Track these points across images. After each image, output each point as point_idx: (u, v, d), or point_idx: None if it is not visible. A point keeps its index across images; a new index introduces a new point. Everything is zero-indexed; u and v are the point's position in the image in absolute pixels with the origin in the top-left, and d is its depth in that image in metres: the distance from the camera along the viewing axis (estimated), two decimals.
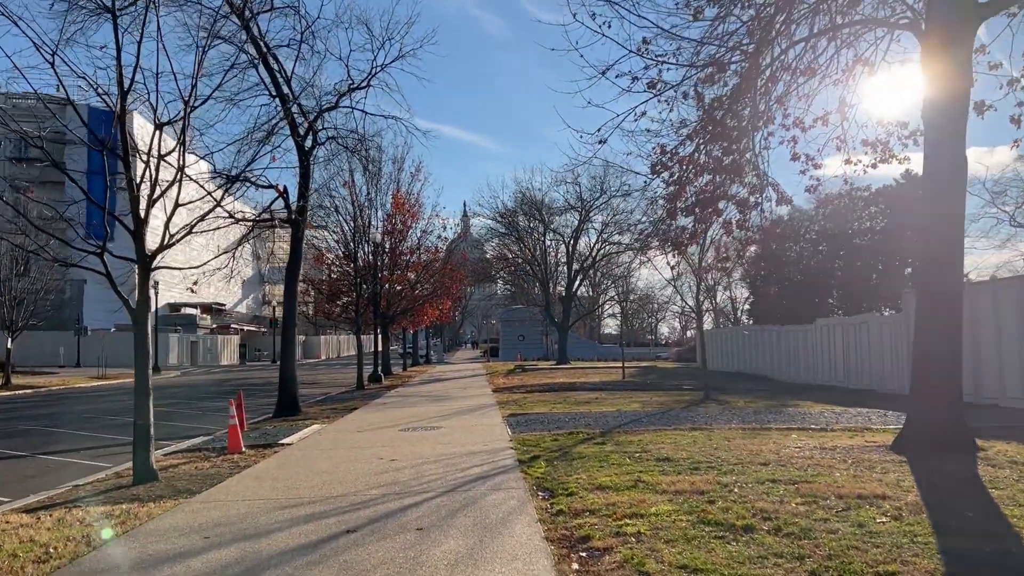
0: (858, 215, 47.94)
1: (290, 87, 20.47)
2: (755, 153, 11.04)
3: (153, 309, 47.85)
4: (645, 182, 12.06)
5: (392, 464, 10.85)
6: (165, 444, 15.42)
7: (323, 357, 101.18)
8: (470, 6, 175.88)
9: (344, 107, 22.72)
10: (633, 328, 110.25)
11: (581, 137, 11.31)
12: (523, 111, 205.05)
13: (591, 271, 64.32)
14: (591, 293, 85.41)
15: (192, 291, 12.90)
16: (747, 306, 67.62)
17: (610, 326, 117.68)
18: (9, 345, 37.16)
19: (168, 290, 76.67)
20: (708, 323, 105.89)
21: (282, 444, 13.64)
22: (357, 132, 22.45)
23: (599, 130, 11.20)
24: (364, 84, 23.17)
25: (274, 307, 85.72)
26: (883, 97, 15.02)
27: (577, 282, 60.56)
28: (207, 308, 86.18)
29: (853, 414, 15.93)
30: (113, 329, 68.81)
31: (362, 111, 22.83)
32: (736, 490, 8.01)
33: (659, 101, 11.23)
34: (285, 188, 20.91)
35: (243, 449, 13.11)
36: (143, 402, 10.34)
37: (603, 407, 18.65)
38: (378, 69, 23.30)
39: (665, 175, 11.99)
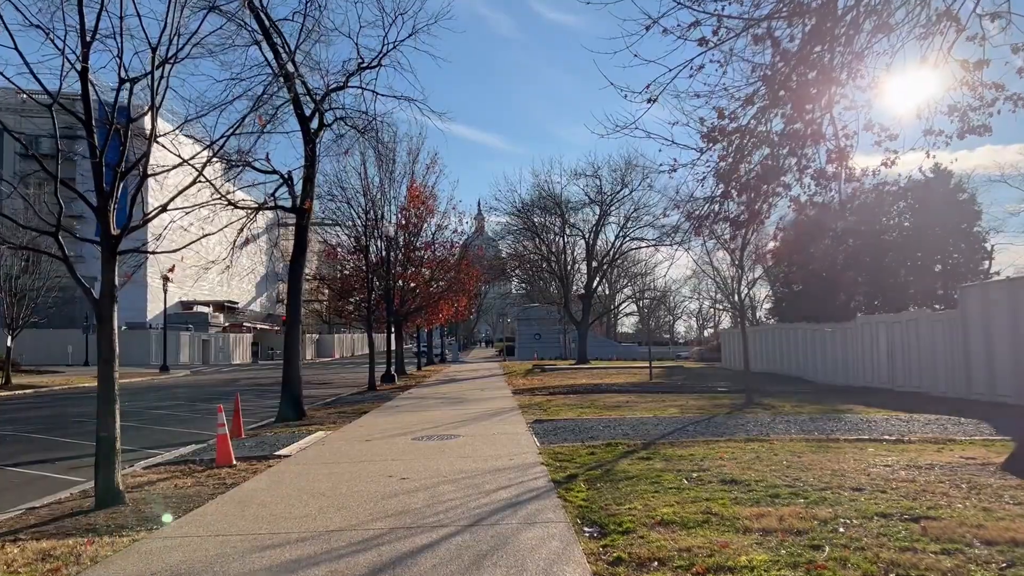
0: (886, 211, 45.86)
1: (294, 63, 18.83)
2: (832, 115, 9.27)
3: (164, 307, 46.55)
4: (700, 151, 10.19)
5: (403, 484, 9.14)
6: (153, 453, 13.87)
7: (337, 356, 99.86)
8: (479, 5, 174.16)
9: (353, 87, 21.09)
10: (650, 327, 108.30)
11: (626, 97, 9.58)
12: (535, 110, 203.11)
13: (610, 268, 62.39)
14: (608, 291, 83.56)
15: (168, 279, 11.25)
16: (767, 304, 65.58)
17: (625, 325, 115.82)
18: (9, 343, 35.85)
19: (180, 287, 75.64)
20: (726, 322, 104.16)
21: (278, 456, 11.97)
22: (367, 113, 20.73)
23: (648, 87, 9.49)
24: (375, 63, 21.51)
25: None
26: (969, 56, 13.09)
27: (597, 279, 58.69)
28: (220, 306, 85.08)
29: (923, 422, 14.09)
30: (124, 327, 67.70)
31: (373, 91, 21.23)
32: (842, 529, 6.25)
33: (719, 52, 9.47)
34: (289, 174, 19.31)
35: (234, 462, 11.46)
36: (107, 412, 8.71)
37: (637, 412, 16.88)
38: (390, 47, 21.64)
39: (721, 144, 10.21)
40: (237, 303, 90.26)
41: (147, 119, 9.14)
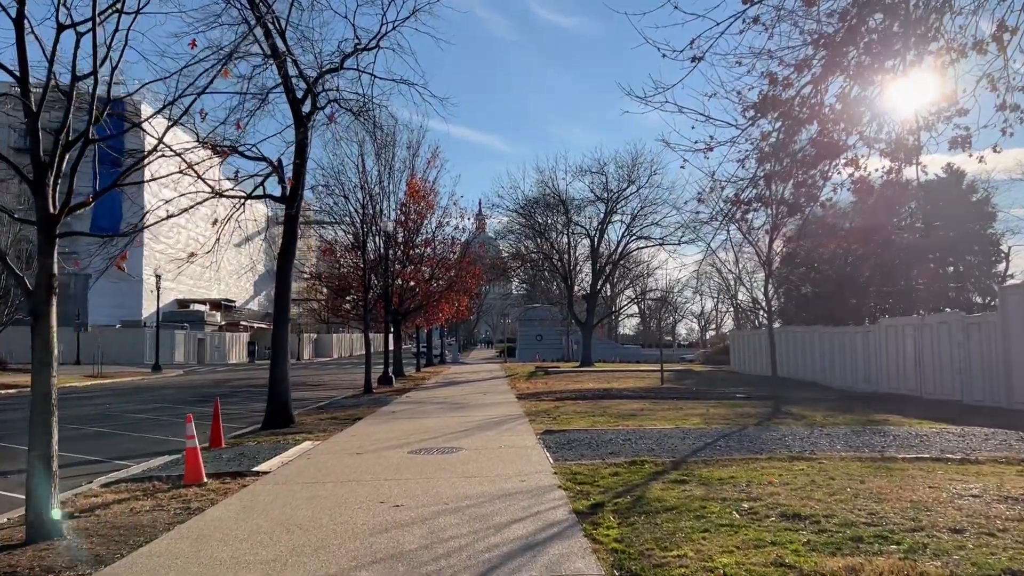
0: (896, 211, 44.42)
1: (284, 39, 17.37)
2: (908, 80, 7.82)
3: (157, 305, 44.99)
4: (739, 127, 8.74)
5: (396, 515, 7.66)
6: (121, 465, 12.43)
7: (335, 356, 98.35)
8: (476, 7, 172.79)
9: (350, 68, 19.58)
10: (660, 328, 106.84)
11: (664, 56, 8.14)
12: (534, 111, 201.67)
13: (616, 268, 60.90)
14: (611, 292, 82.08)
15: (121, 268, 9.76)
16: (772, 306, 64.02)
17: (626, 326, 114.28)
18: None
19: (176, 285, 74.13)
20: (728, 324, 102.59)
21: (256, 473, 10.50)
22: (362, 95, 19.22)
23: (692, 43, 8.04)
24: (373, 44, 20.01)
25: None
26: None
27: (602, 279, 57.19)
28: (216, 304, 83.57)
29: (981, 437, 12.61)
30: (118, 325, 66.22)
31: (371, 74, 19.67)
32: None
33: (768, 7, 8.03)
34: (279, 161, 17.84)
35: (204, 479, 9.99)
36: (42, 425, 7.26)
37: (655, 422, 15.40)
38: (389, 27, 20.14)
39: (770, 117, 8.75)
40: (234, 301, 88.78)
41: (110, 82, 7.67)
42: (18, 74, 7.31)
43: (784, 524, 6.71)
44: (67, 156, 7.55)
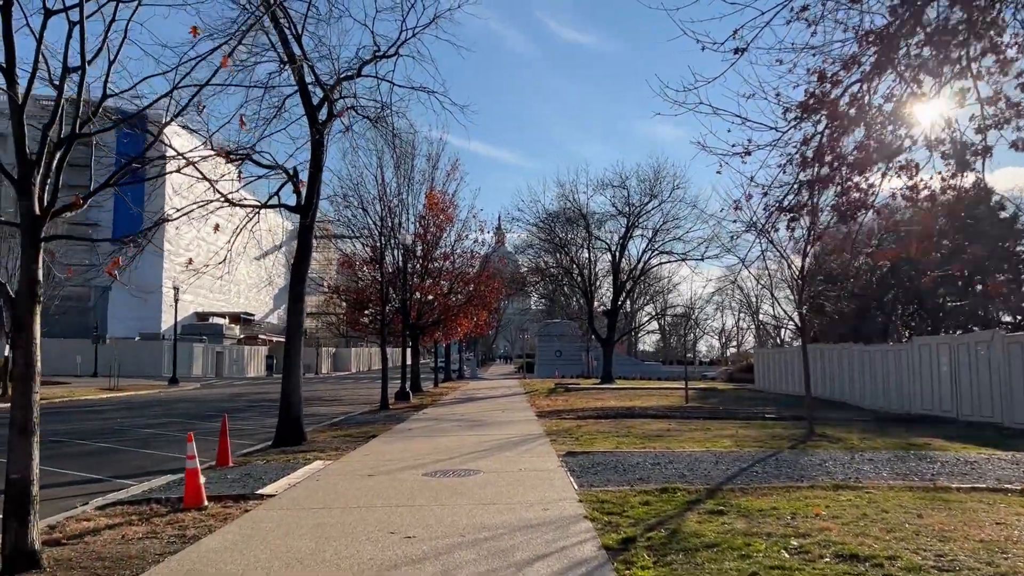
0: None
1: (300, 45, 16.92)
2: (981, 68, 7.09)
3: (177, 319, 44.66)
4: (779, 130, 8.04)
5: (407, 548, 6.97)
6: (123, 484, 11.86)
7: (353, 370, 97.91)
8: (493, 23, 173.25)
9: (368, 76, 19.09)
10: (672, 345, 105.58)
11: (704, 49, 7.49)
12: (552, 127, 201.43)
13: (637, 283, 60.02)
14: (631, 308, 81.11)
15: (113, 275, 9.14)
16: (793, 324, 62.77)
17: (646, 343, 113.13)
18: (7, 352, 34.16)
19: (196, 297, 74.13)
20: (749, 341, 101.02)
21: (260, 496, 9.85)
22: (379, 101, 18.70)
23: (735, 34, 7.38)
24: (392, 52, 19.52)
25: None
26: None
27: (623, 295, 56.33)
28: (235, 318, 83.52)
29: None
30: (137, 338, 66.18)
31: (390, 82, 19.17)
32: None
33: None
34: (295, 170, 17.35)
35: (204, 503, 9.35)
36: (23, 446, 6.65)
37: (684, 444, 14.61)
38: (408, 35, 19.64)
39: (817, 117, 8.05)
40: (253, 315, 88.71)
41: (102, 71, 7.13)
42: (3, 64, 6.78)
43: (843, 567, 5.95)
44: (57, 154, 6.99)
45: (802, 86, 8.06)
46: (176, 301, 52.55)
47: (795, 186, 8.70)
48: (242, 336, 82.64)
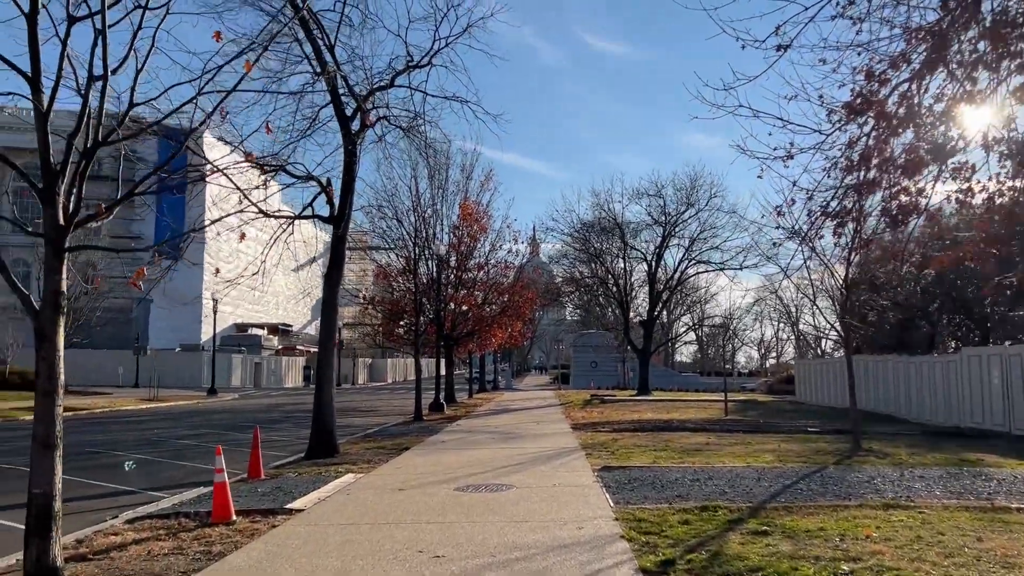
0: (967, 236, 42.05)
1: (333, 55, 16.89)
2: None
3: (216, 330, 45.12)
4: (823, 133, 7.70)
5: (435, 568, 6.70)
6: (155, 496, 11.79)
7: (390, 380, 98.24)
8: (527, 35, 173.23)
9: (401, 86, 19.03)
10: (709, 356, 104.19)
11: (744, 47, 7.18)
12: (585, 138, 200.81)
13: (673, 294, 59.26)
14: (667, 318, 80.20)
15: (137, 287, 9.09)
16: (834, 333, 61.41)
17: (683, 354, 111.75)
18: None
19: (235, 309, 74.98)
20: (789, 352, 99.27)
21: (289, 510, 9.67)
22: (412, 111, 18.61)
23: (777, 30, 7.05)
24: (425, 62, 19.42)
25: (340, 329, 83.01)
26: None
27: (659, 305, 55.63)
28: (274, 329, 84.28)
29: None
30: (178, 349, 67.06)
31: (423, 92, 19.07)
32: None
33: None
34: (328, 181, 17.33)
35: (233, 517, 9.20)
36: (45, 461, 6.52)
37: (724, 459, 14.16)
38: (441, 44, 19.53)
39: (864, 118, 7.67)
40: (291, 326, 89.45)
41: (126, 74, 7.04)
42: (29, 73, 6.71)
43: None
44: (82, 163, 6.90)
45: (847, 86, 7.73)
46: (215, 312, 53.15)
47: (840, 190, 8.33)
48: (280, 347, 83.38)
